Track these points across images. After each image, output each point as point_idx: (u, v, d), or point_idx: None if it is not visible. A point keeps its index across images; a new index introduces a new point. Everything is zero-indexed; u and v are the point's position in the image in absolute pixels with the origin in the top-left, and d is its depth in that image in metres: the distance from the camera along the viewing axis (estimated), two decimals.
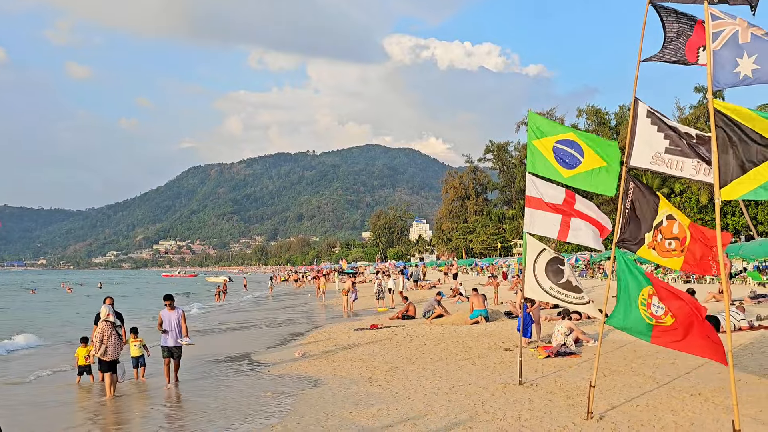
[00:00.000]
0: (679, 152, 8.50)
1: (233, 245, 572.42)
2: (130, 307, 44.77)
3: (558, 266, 11.35)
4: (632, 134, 8.91)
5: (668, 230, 8.84)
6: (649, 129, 8.84)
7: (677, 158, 8.54)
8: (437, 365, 14.13)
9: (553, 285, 11.31)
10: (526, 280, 11.49)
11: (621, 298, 9.04)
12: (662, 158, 8.65)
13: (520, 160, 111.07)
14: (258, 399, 11.61)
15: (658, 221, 8.92)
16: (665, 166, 8.65)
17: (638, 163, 8.87)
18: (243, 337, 22.44)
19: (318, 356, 16.17)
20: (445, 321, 22.32)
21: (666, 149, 8.62)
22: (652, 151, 8.74)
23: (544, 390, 11.09)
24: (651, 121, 8.84)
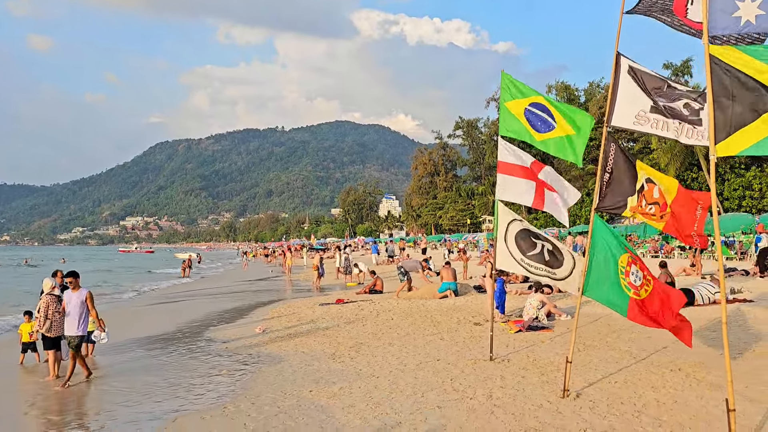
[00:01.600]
0: (664, 112, 7.86)
1: (201, 221, 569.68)
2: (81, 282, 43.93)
3: (531, 238, 10.70)
4: (614, 92, 8.24)
5: (649, 194, 8.22)
6: (632, 86, 8.17)
7: (662, 117, 7.89)
8: (404, 340, 13.48)
9: (523, 257, 10.67)
10: (497, 250, 10.83)
11: (595, 267, 8.43)
12: (646, 117, 8.00)
13: (489, 136, 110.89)
14: (211, 377, 10.84)
15: (640, 186, 8.29)
16: (649, 125, 8.00)
17: (620, 123, 8.21)
18: (202, 312, 21.59)
19: (280, 332, 15.44)
20: (413, 295, 21.70)
21: (651, 108, 7.97)
22: (635, 109, 8.08)
23: (517, 366, 10.47)
24: (633, 77, 8.17)
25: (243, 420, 8.07)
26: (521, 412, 7.78)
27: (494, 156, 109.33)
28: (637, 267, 8.12)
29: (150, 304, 26.62)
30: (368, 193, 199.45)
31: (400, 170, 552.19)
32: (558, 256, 10.65)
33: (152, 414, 8.72)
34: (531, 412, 7.77)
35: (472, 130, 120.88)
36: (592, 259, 8.42)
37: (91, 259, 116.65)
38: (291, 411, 8.36)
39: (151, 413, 8.76)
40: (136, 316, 21.92)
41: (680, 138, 7.78)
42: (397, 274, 23.49)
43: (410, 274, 23.43)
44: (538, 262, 10.54)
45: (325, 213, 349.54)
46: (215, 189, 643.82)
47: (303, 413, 8.23)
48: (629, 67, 8.17)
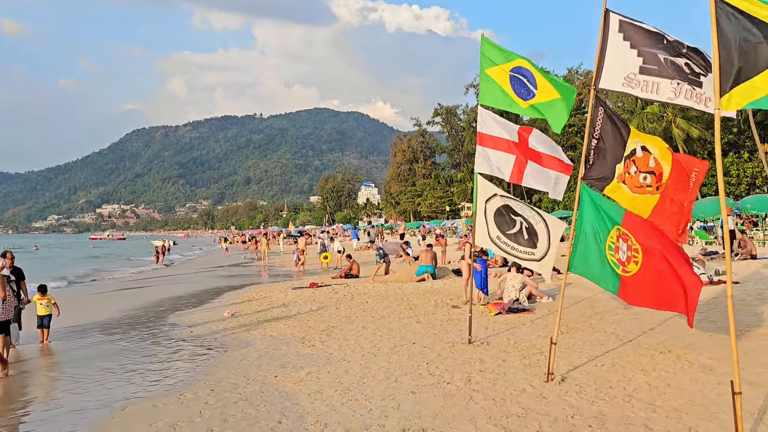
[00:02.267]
0: (656, 72, 7.22)
1: (179, 209, 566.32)
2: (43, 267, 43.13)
3: (510, 215, 10.07)
4: (602, 52, 7.59)
5: (643, 162, 7.57)
6: (621, 45, 7.52)
7: (653, 79, 7.25)
8: (378, 324, 12.83)
9: (500, 234, 10.04)
10: (476, 226, 10.20)
11: (582, 242, 7.80)
12: (636, 80, 7.36)
13: (468, 123, 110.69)
14: (171, 363, 10.12)
15: (631, 150, 7.64)
16: (639, 88, 7.36)
17: (609, 85, 7.58)
18: (169, 297, 20.84)
19: (249, 315, 14.73)
20: (389, 278, 21.06)
21: (641, 68, 7.34)
22: (624, 71, 7.45)
23: (497, 349, 9.86)
24: (624, 36, 7.52)
25: (199, 407, 7.38)
26: (502, 398, 7.16)
27: (473, 143, 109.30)
28: (627, 243, 7.50)
29: (117, 289, 25.77)
30: (347, 180, 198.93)
31: (379, 158, 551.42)
32: (533, 237, 10.04)
33: (101, 402, 7.99)
34: (513, 398, 7.14)
35: (451, 117, 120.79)
36: (578, 234, 7.80)
37: (64, 246, 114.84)
38: (252, 398, 7.68)
39: (100, 401, 8.03)
40: (101, 301, 21.11)
41: (677, 99, 7.13)
42: (376, 256, 22.81)
43: (389, 257, 22.79)
44: (515, 242, 9.92)
45: (304, 201, 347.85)
46: (193, 176, 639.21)
47: (265, 400, 7.55)
48: (620, 24, 7.53)
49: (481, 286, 14.80)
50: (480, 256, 15.06)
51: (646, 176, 7.49)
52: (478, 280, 14.67)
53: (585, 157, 7.78)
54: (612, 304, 13.83)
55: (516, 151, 9.83)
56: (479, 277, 14.71)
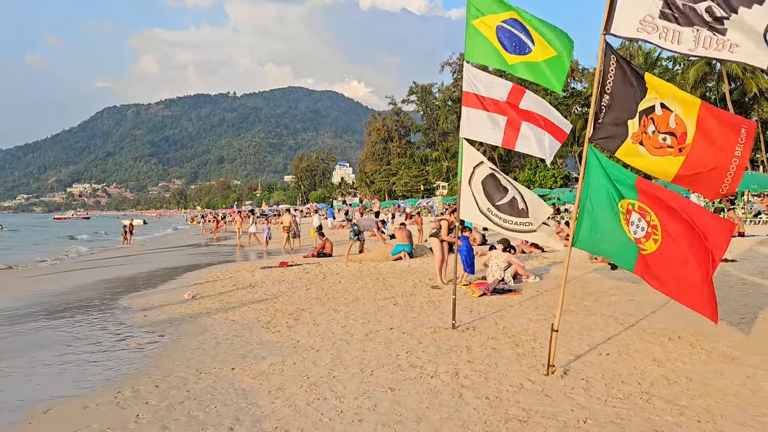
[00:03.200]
0: (677, 19, 6.12)
1: (151, 188, 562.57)
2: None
3: (501, 184, 8.97)
4: None
5: (663, 122, 6.46)
6: None
7: (673, 26, 6.16)
8: (352, 306, 11.68)
9: (491, 206, 8.93)
10: (461, 198, 9.07)
11: (589, 212, 6.69)
12: (654, 24, 6.27)
13: (444, 101, 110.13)
14: (116, 353, 8.90)
15: (648, 106, 6.53)
16: (657, 35, 6.27)
17: (621, 31, 6.47)
18: (127, 276, 19.56)
19: (211, 298, 13.52)
20: (364, 257, 19.91)
21: (660, 13, 6.23)
22: (641, 12, 6.34)
23: (484, 335, 8.76)
24: None
25: (137, 409, 6.20)
26: (497, 396, 6.06)
27: (448, 122, 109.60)
28: (639, 215, 6.41)
29: (71, 270, 24.33)
30: (321, 159, 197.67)
31: (353, 137, 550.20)
32: (526, 206, 8.95)
33: (23, 402, 6.73)
34: (510, 396, 6.05)
35: (426, 96, 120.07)
36: (584, 204, 6.68)
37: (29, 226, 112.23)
38: (203, 396, 6.51)
39: (22, 401, 6.77)
40: (52, 282, 19.68)
41: (696, 50, 6.06)
42: (350, 233, 21.56)
43: (363, 235, 21.59)
44: (509, 213, 8.82)
45: (278, 180, 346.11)
46: (165, 155, 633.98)
47: (217, 399, 6.39)
48: None
49: (466, 264, 13.73)
50: (462, 232, 13.96)
51: (665, 137, 6.38)
52: (463, 258, 13.62)
53: (593, 115, 6.65)
54: (605, 283, 12.81)
55: (508, 111, 8.67)
56: (463, 255, 13.65)
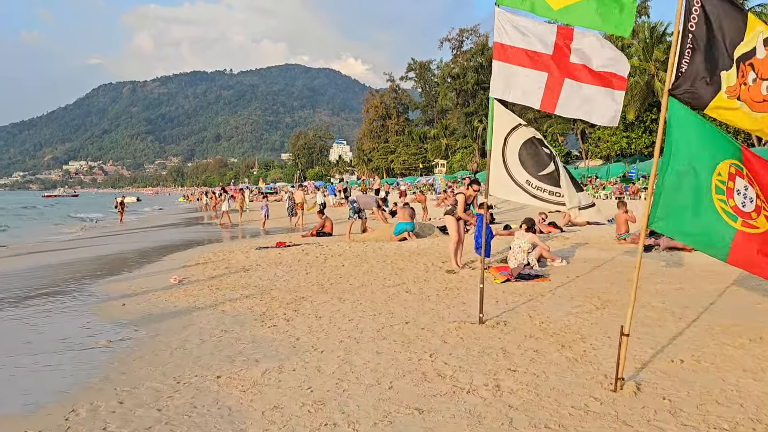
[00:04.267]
0: None
1: (148, 166, 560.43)
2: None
3: (540, 149, 7.55)
4: None
5: (766, 65, 5.02)
6: None
7: None
8: (359, 294, 10.25)
9: (531, 177, 7.51)
10: (491, 171, 7.63)
11: (670, 185, 5.21)
12: None
13: (442, 78, 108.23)
14: (81, 353, 7.46)
15: (747, 50, 5.08)
16: None
17: None
18: (109, 258, 18.13)
19: (200, 283, 12.09)
20: (367, 237, 18.48)
21: None
22: None
23: (520, 333, 7.36)
24: None
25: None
26: (559, 423, 4.63)
27: (447, 99, 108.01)
28: (746, 182, 5.00)
29: (52, 249, 22.82)
30: (319, 137, 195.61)
31: (350, 115, 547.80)
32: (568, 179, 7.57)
33: None
34: (577, 424, 4.62)
35: (425, 73, 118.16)
36: (664, 176, 5.19)
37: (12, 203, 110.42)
38: (178, 419, 5.07)
39: None
40: (22, 264, 18.20)
41: None
42: (349, 211, 20.04)
43: (364, 213, 20.09)
44: (552, 184, 7.42)
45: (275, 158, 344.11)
46: (162, 133, 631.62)
47: (196, 424, 4.96)
48: None
49: (478, 245, 12.34)
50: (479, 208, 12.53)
51: None
52: (476, 239, 12.23)
53: (675, 62, 5.19)
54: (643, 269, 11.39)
55: (550, 65, 7.18)
56: (477, 234, 12.27)
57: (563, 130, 77.87)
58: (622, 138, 59.97)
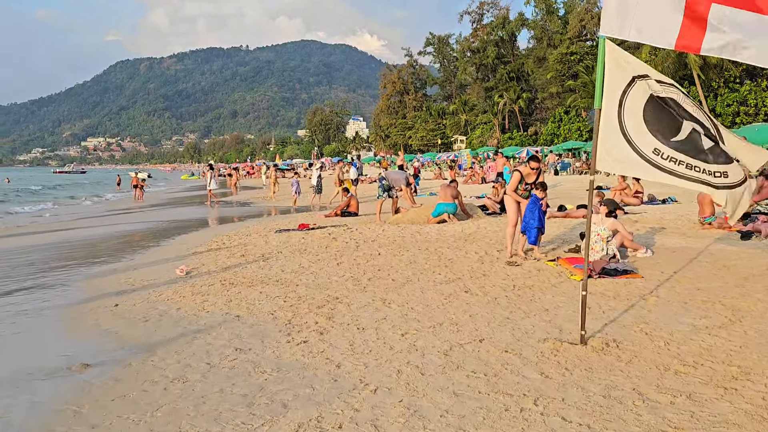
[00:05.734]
0: None
1: (165, 143, 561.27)
2: None
3: (672, 112, 5.47)
4: None
5: None
6: None
7: None
8: (406, 294, 8.22)
9: (661, 145, 5.44)
10: (601, 137, 5.58)
11: None
12: None
13: (462, 52, 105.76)
14: (43, 384, 5.48)
15: None
16: None
17: None
18: (115, 238, 16.25)
19: (211, 275, 10.11)
20: (400, 219, 16.41)
21: None
22: None
23: (645, 360, 5.32)
24: None
25: None
26: None
27: (467, 73, 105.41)
28: None
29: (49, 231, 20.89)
30: (335, 113, 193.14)
31: (367, 91, 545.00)
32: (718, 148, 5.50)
33: None
34: None
35: (444, 47, 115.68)
36: None
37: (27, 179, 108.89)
38: None
39: None
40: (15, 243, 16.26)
41: None
42: (378, 189, 17.82)
43: (394, 191, 17.87)
44: (691, 155, 5.37)
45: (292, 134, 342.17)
46: (179, 109, 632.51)
47: None
48: None
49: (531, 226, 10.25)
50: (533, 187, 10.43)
51: None
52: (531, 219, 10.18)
53: None
54: (756, 261, 9.30)
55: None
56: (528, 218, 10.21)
57: (587, 104, 75.44)
58: None
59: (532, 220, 10.17)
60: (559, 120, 75.69)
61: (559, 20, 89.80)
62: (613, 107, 5.53)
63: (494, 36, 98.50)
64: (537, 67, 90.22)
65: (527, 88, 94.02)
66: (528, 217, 10.23)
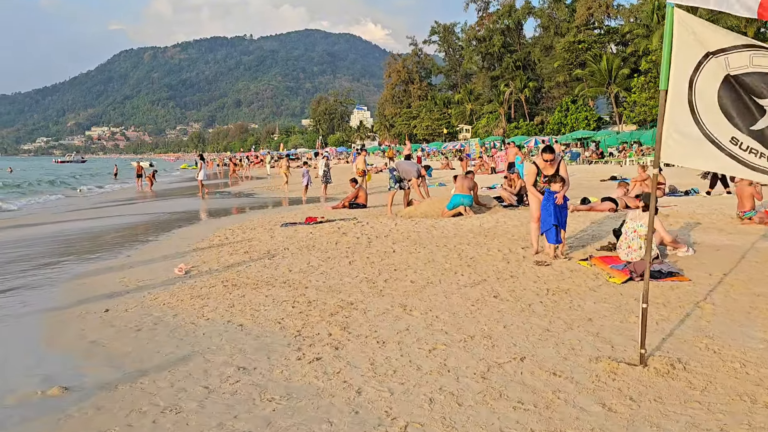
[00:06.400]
0: None
1: (169, 132, 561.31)
2: None
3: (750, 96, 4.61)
4: None
5: None
6: None
7: None
8: (429, 299, 7.36)
9: (738, 133, 4.59)
10: (667, 127, 4.73)
11: None
12: None
13: (467, 41, 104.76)
14: (7, 414, 4.72)
15: None
16: None
17: None
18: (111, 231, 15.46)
19: (212, 275, 9.29)
20: (413, 212, 15.54)
21: None
22: None
23: (723, 386, 4.48)
24: None
25: None
26: None
27: (472, 62, 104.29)
28: None
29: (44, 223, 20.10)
30: (340, 102, 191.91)
31: (371, 81, 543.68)
32: None
33: None
34: None
35: (449, 36, 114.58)
36: None
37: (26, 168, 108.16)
38: None
39: None
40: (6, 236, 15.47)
41: None
42: (389, 181, 16.90)
43: (406, 183, 16.91)
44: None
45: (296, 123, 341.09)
46: (183, 99, 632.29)
47: None
48: None
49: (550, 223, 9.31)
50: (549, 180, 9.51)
51: None
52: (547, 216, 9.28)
53: None
54: None
55: None
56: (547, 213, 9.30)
57: (595, 93, 74.51)
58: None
59: (548, 217, 9.24)
60: (566, 109, 74.74)
61: (566, 8, 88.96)
62: (682, 89, 4.67)
63: (500, 24, 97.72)
64: (544, 56, 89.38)
65: (533, 77, 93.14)
66: (543, 214, 9.34)
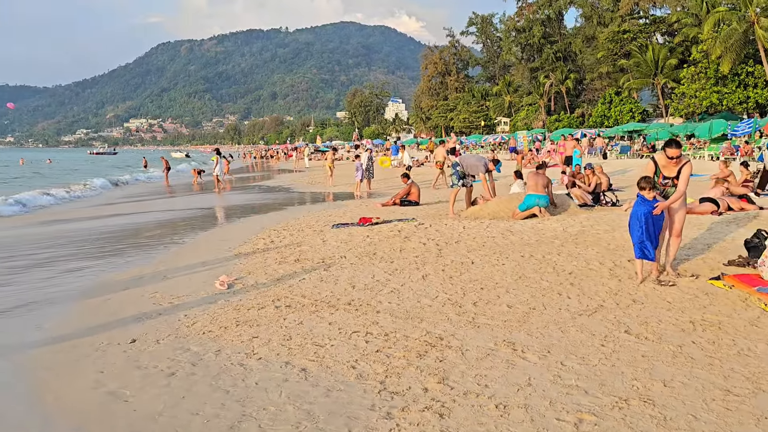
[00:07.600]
0: None
1: (206, 124, 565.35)
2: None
3: None
4: None
5: None
6: None
7: None
8: (540, 333, 5.69)
9: None
10: None
11: None
12: None
13: (506, 32, 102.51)
14: None
15: None
16: None
17: None
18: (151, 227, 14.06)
19: (260, 291, 7.76)
20: (479, 213, 13.86)
21: None
22: None
23: None
24: None
25: None
26: None
27: (511, 53, 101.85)
28: None
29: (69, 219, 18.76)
30: (375, 94, 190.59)
31: (406, 73, 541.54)
32: None
33: None
34: None
35: (487, 27, 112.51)
36: None
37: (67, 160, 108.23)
38: None
39: None
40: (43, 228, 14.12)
41: None
42: (451, 177, 15.09)
43: (470, 180, 15.08)
44: None
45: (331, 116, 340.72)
46: (219, 91, 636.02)
47: None
48: None
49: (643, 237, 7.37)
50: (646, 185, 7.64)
51: None
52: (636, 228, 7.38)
53: None
54: None
55: None
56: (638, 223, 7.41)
57: (641, 84, 71.94)
58: (712, 93, 53.53)
59: (638, 230, 7.38)
60: (610, 101, 72.18)
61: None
62: None
63: (540, 15, 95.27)
64: (585, 47, 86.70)
65: (575, 68, 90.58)
66: (632, 226, 7.49)
